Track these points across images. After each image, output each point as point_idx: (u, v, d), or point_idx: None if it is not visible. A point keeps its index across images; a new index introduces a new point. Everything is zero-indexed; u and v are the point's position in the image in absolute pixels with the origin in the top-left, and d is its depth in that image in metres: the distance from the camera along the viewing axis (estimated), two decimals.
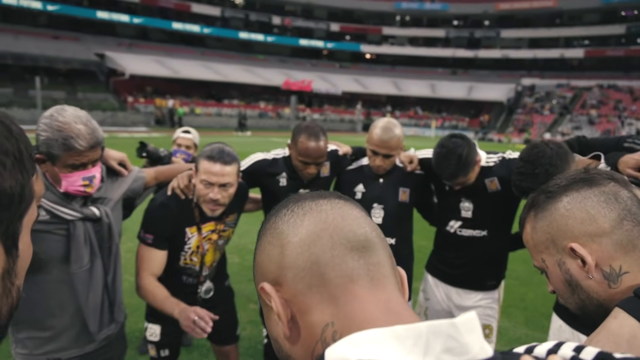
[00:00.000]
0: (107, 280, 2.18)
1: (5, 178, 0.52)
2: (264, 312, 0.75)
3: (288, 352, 0.70)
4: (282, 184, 2.89)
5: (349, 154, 3.12)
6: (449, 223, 2.89)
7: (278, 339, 0.71)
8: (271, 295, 0.68)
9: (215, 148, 2.40)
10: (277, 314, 0.67)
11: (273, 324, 0.71)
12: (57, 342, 2.10)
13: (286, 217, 0.73)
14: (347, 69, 62.34)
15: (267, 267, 0.72)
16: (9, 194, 0.53)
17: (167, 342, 2.65)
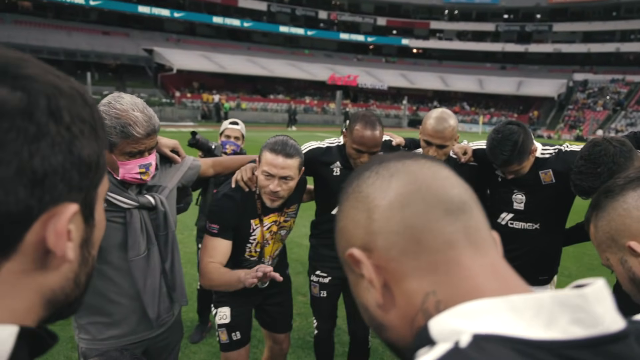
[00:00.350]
0: (164, 267, 2.21)
1: (84, 145, 0.53)
2: (350, 280, 0.71)
3: (381, 320, 0.66)
4: (336, 173, 2.89)
5: (402, 145, 3.08)
6: (500, 215, 2.83)
7: (369, 307, 0.67)
8: (362, 261, 0.64)
9: (279, 140, 2.41)
10: (369, 280, 0.63)
11: (363, 292, 0.67)
12: (118, 328, 2.15)
13: (370, 179, 0.68)
14: (394, 64, 61.76)
15: (353, 234, 0.67)
16: (88, 162, 0.53)
17: (238, 324, 2.67)
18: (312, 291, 3.13)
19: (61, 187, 0.50)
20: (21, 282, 0.50)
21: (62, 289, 0.55)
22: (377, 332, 0.69)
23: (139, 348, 2.25)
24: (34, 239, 0.49)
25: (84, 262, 0.58)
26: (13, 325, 0.48)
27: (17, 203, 0.46)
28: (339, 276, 3.05)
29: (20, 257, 0.49)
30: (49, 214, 0.49)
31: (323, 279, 3.06)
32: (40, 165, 0.47)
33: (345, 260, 0.69)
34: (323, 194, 2.98)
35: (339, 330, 4.07)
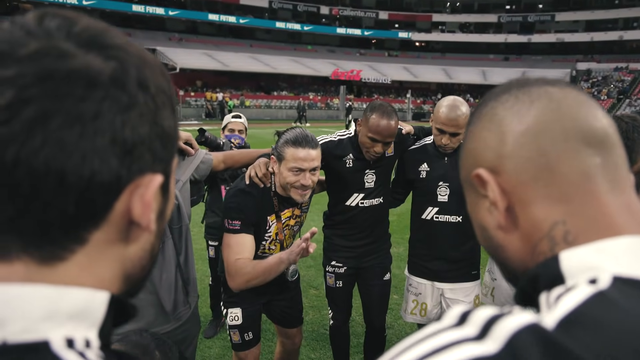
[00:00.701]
0: (179, 261, 2.21)
1: (165, 117, 0.54)
2: (469, 200, 0.71)
3: (500, 241, 0.65)
4: (349, 164, 2.90)
5: (412, 134, 3.09)
6: None
7: (488, 227, 0.67)
8: (488, 182, 0.63)
9: (298, 134, 2.40)
10: (493, 202, 0.63)
11: (483, 213, 0.67)
12: (136, 322, 2.14)
13: (509, 103, 0.66)
14: (396, 58, 61.57)
15: (482, 154, 0.66)
16: (168, 133, 0.54)
17: (249, 324, 2.67)
18: (328, 282, 3.14)
19: (147, 157, 0.51)
20: (107, 253, 0.51)
21: (139, 260, 0.56)
22: (492, 252, 0.69)
23: None
24: (121, 208, 0.50)
25: (158, 234, 0.59)
26: (105, 292, 0.50)
27: (109, 172, 0.47)
28: (354, 265, 3.06)
29: (108, 227, 0.50)
30: (135, 184, 0.50)
31: (339, 269, 3.07)
32: (130, 135, 0.48)
33: (469, 181, 0.68)
34: (336, 186, 2.98)
35: (353, 322, 4.08)
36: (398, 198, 3.23)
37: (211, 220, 4.07)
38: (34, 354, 0.43)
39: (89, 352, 0.45)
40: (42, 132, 0.43)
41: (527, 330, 0.40)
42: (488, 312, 0.43)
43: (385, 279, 3.14)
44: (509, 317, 0.42)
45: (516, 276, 0.66)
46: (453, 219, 2.88)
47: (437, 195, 2.89)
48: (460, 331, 0.41)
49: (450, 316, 0.45)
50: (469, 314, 0.43)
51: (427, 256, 3.02)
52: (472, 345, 0.39)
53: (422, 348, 0.41)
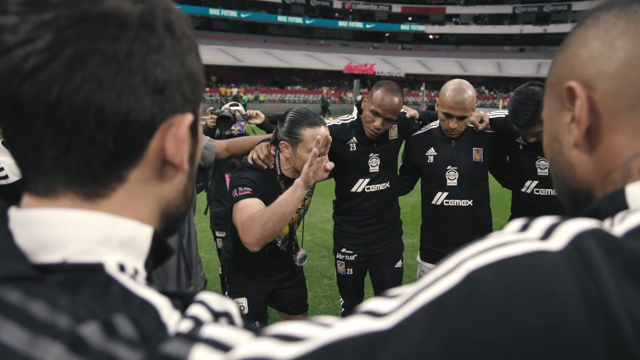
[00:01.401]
0: (182, 244, 2.23)
1: (192, 60, 0.55)
2: (548, 105, 0.67)
3: (572, 159, 0.63)
4: (352, 148, 2.89)
5: (417, 118, 3.08)
6: (524, 184, 2.78)
7: (562, 142, 0.64)
8: (580, 97, 0.58)
9: (308, 113, 2.40)
10: (577, 119, 0.59)
11: (561, 126, 0.63)
12: None
13: (636, 16, 0.58)
14: (410, 51, 61.24)
15: (581, 65, 0.60)
16: (195, 77, 0.56)
17: (256, 314, 2.66)
18: (338, 269, 3.14)
19: (177, 97, 0.53)
20: (145, 191, 0.54)
21: (175, 200, 0.59)
22: (556, 167, 0.67)
23: None
24: (156, 147, 0.52)
25: (190, 175, 0.61)
26: (149, 227, 0.53)
27: (144, 110, 0.49)
28: (365, 253, 3.06)
29: (145, 165, 0.52)
30: (168, 123, 0.52)
31: (349, 257, 3.07)
32: (161, 74, 0.50)
33: (556, 87, 0.64)
34: (342, 171, 2.97)
35: None
36: (406, 185, 3.22)
37: (217, 209, 4.09)
38: (91, 274, 0.46)
39: (136, 278, 0.48)
40: (82, 70, 0.46)
41: (593, 232, 0.39)
42: (551, 219, 0.43)
43: (397, 266, 3.13)
44: (574, 221, 0.41)
45: (576, 198, 0.64)
46: (464, 203, 2.87)
47: (446, 179, 2.87)
48: (523, 234, 0.41)
49: (512, 226, 0.45)
50: (530, 222, 0.43)
51: (439, 242, 3.00)
52: (537, 242, 0.39)
53: (484, 244, 0.41)
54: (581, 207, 0.62)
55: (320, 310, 4.38)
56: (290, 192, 2.04)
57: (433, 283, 0.38)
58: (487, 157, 2.88)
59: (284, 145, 2.39)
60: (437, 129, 2.93)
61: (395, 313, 0.37)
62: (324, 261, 5.57)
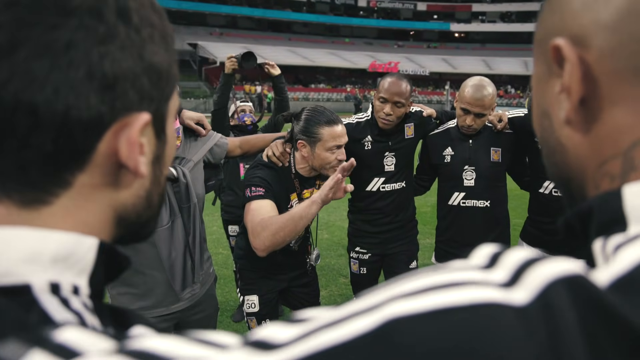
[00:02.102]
0: (188, 241, 2.22)
1: (155, 52, 0.50)
2: (536, 70, 0.54)
3: (561, 138, 0.50)
4: (367, 147, 2.87)
5: (434, 116, 3.03)
6: (542, 184, 2.73)
7: (552, 117, 0.51)
8: (567, 57, 0.45)
9: (325, 112, 2.38)
10: (567, 88, 0.46)
11: (550, 96, 0.51)
12: (147, 300, 2.18)
13: None
14: (435, 49, 60.73)
15: (572, 14, 0.47)
16: (158, 70, 0.51)
17: (267, 312, 2.64)
18: (352, 268, 3.12)
19: (132, 94, 0.48)
20: (95, 197, 0.49)
21: (133, 206, 0.54)
22: (545, 150, 0.54)
23: (170, 321, 2.27)
24: (106, 149, 0.47)
25: (155, 180, 0.56)
26: (93, 238, 0.47)
27: (88, 109, 0.44)
28: (379, 252, 3.03)
29: (93, 169, 0.47)
30: (121, 123, 0.47)
31: (363, 256, 3.04)
32: (110, 68, 0.45)
33: (543, 48, 0.51)
34: (356, 170, 2.91)
35: None
36: (423, 185, 3.18)
37: (230, 198, 4.09)
38: (13, 297, 0.40)
39: (74, 300, 0.43)
40: (9, 62, 0.41)
41: (569, 282, 0.30)
42: (524, 254, 0.34)
43: (411, 267, 3.09)
44: (549, 262, 0.32)
45: (568, 189, 0.53)
46: (481, 203, 2.81)
47: (463, 179, 2.82)
48: (486, 273, 0.33)
49: (479, 255, 0.37)
50: (500, 255, 0.35)
51: (455, 243, 2.95)
52: (496, 290, 0.30)
53: (432, 279, 0.32)
54: (574, 201, 0.52)
55: None
56: (306, 207, 2.05)
57: (345, 320, 0.30)
58: (506, 157, 2.82)
59: (302, 145, 2.37)
60: (454, 127, 2.88)
61: (285, 349, 0.30)
62: (341, 260, 5.54)
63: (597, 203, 0.43)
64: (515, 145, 2.84)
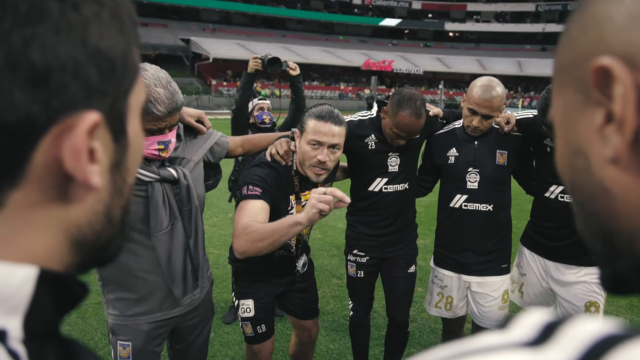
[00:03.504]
0: (189, 245, 2.13)
1: (103, 34, 0.41)
2: (562, 107, 0.46)
3: (605, 181, 0.41)
4: (371, 146, 2.75)
5: (440, 116, 2.93)
6: (549, 189, 2.63)
7: (591, 156, 0.42)
8: (620, 79, 0.37)
9: (324, 108, 2.29)
10: (619, 118, 0.37)
11: (586, 130, 0.42)
12: (144, 305, 2.09)
13: None
14: (429, 48, 60.79)
15: (617, 30, 0.38)
16: (109, 57, 0.41)
17: (262, 317, 2.56)
18: (349, 271, 3.02)
19: (74, 88, 0.39)
20: (36, 217, 0.41)
21: (89, 225, 0.45)
22: (579, 196, 0.45)
23: (167, 326, 2.19)
24: (45, 159, 0.39)
25: (116, 191, 0.47)
26: (31, 266, 0.39)
27: (12, 110, 0.36)
28: (377, 255, 2.93)
29: (31, 184, 0.39)
30: (62, 126, 0.39)
31: (360, 259, 2.94)
32: (40, 56, 0.36)
33: (573, 73, 0.43)
34: (359, 170, 2.85)
35: (375, 314, 3.96)
36: (425, 186, 3.08)
37: None
38: None
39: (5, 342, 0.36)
40: None
41: None
42: (592, 328, 0.27)
43: (410, 271, 2.99)
44: (636, 345, 0.25)
45: (612, 243, 0.43)
46: (483, 207, 2.72)
47: (466, 181, 2.72)
48: (537, 354, 0.26)
49: (525, 325, 0.30)
50: (556, 327, 0.28)
51: (455, 247, 2.86)
52: None
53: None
54: (616, 255, 0.43)
55: (329, 310, 4.27)
56: (289, 226, 1.93)
57: None
58: (511, 160, 2.72)
59: (297, 135, 2.32)
60: (460, 128, 2.79)
61: None
62: (334, 260, 5.45)
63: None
64: (522, 148, 2.75)
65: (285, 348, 3.55)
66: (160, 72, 1.89)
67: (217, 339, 3.74)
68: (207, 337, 2.44)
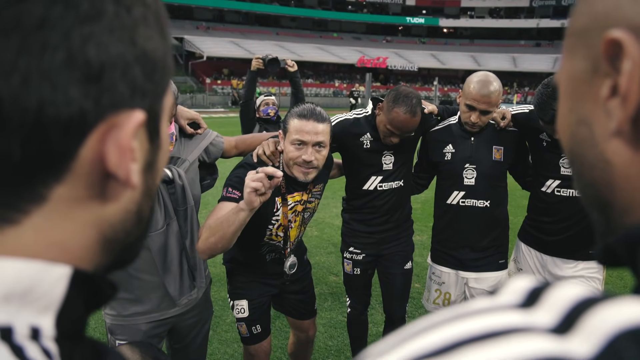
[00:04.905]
0: (185, 245, 2.13)
1: (149, 37, 0.42)
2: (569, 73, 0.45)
3: (607, 153, 0.40)
4: (366, 145, 2.75)
5: (435, 114, 2.93)
6: (545, 183, 2.63)
7: (594, 126, 0.42)
8: (629, 54, 0.36)
9: (306, 107, 2.25)
10: (624, 92, 0.37)
11: (592, 102, 0.42)
12: (141, 305, 2.10)
13: None
14: (424, 45, 60.81)
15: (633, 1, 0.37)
16: (153, 59, 0.42)
17: (257, 317, 2.54)
18: (345, 268, 3.03)
19: (122, 87, 0.40)
20: (75, 214, 0.41)
21: (122, 223, 0.45)
22: (579, 165, 0.45)
23: (165, 326, 2.20)
24: (90, 155, 0.39)
25: (147, 191, 0.47)
26: (65, 266, 0.39)
27: (67, 104, 0.36)
28: (373, 252, 2.94)
29: (74, 180, 0.39)
30: (109, 124, 0.39)
31: (357, 256, 2.94)
32: (95, 54, 0.37)
33: (585, 40, 0.42)
34: (353, 168, 2.85)
35: (372, 310, 3.98)
36: (421, 183, 3.08)
37: None
38: None
39: (30, 347, 0.36)
40: None
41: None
42: (574, 291, 0.28)
43: (406, 267, 3.00)
44: (612, 305, 0.26)
45: (609, 213, 0.43)
46: (480, 203, 2.72)
47: (463, 178, 2.73)
48: (527, 315, 0.27)
49: (511, 290, 0.31)
50: (541, 292, 0.29)
51: (452, 243, 2.86)
52: (547, 339, 0.24)
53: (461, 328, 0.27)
54: (615, 226, 0.43)
55: (326, 307, 4.28)
56: (234, 214, 1.92)
57: None
58: (508, 156, 2.73)
59: (281, 136, 2.29)
60: (456, 124, 2.79)
61: None
62: (330, 258, 5.46)
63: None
64: (518, 143, 2.76)
65: (284, 345, 3.55)
66: None
67: (216, 337, 3.75)
68: (206, 335, 2.45)
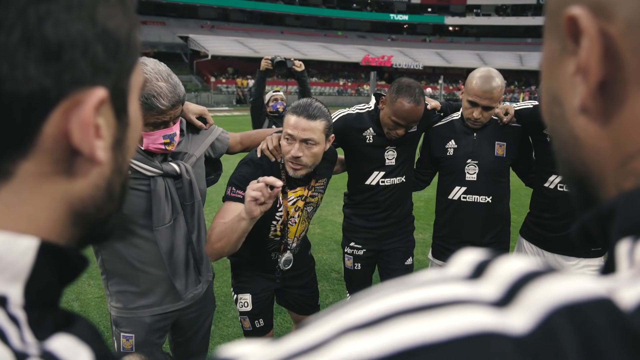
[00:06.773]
0: (191, 239, 2.15)
1: (109, 14, 0.43)
2: (546, 54, 0.45)
3: (575, 129, 0.41)
4: (369, 140, 2.75)
5: (437, 109, 2.94)
6: (548, 179, 2.64)
7: (564, 104, 0.42)
8: (585, 30, 0.37)
9: (302, 102, 2.23)
10: (584, 67, 0.37)
11: (562, 78, 0.42)
12: (147, 298, 2.11)
13: None
14: (429, 43, 60.68)
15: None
16: (115, 37, 0.43)
17: (260, 311, 2.55)
18: (346, 263, 3.04)
19: (83, 65, 0.41)
20: (43, 188, 0.42)
21: (92, 199, 0.46)
22: (556, 142, 0.46)
23: (169, 319, 2.21)
24: (54, 132, 0.40)
25: (117, 168, 0.49)
26: (33, 238, 0.41)
27: (27, 81, 0.37)
28: (374, 248, 2.94)
29: (40, 155, 0.41)
30: (72, 101, 0.40)
31: (357, 251, 2.96)
32: (53, 32, 0.38)
33: (556, 20, 0.42)
34: (356, 163, 2.85)
35: None
36: (423, 179, 3.09)
37: None
38: None
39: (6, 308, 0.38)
40: None
41: (580, 307, 0.23)
42: (520, 265, 0.27)
43: (407, 263, 3.01)
44: (554, 278, 0.25)
45: (583, 188, 0.45)
46: (482, 199, 2.73)
47: (465, 173, 2.73)
48: (471, 287, 0.26)
49: (460, 262, 0.30)
50: (488, 264, 0.28)
51: (453, 239, 2.87)
52: (486, 312, 0.24)
53: (402, 298, 0.26)
54: (590, 201, 0.45)
55: (328, 304, 4.29)
56: (236, 222, 1.94)
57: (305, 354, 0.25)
58: (510, 152, 2.73)
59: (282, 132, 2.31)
60: (458, 120, 2.80)
61: None
62: (333, 255, 5.47)
63: (623, 202, 0.36)
64: (521, 139, 2.76)
65: None
66: (160, 65, 1.91)
67: (217, 332, 3.77)
68: (209, 330, 2.47)
